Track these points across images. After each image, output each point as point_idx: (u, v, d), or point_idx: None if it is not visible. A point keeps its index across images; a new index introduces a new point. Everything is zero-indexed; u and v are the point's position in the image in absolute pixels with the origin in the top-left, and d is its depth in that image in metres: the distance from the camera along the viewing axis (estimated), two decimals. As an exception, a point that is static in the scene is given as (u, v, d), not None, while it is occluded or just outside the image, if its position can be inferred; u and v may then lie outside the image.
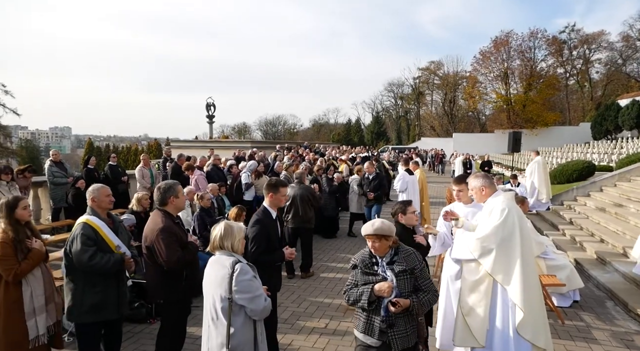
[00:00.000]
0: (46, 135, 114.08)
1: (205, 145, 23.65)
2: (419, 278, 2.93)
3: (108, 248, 3.62)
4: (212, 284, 2.81)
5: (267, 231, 3.89)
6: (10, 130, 50.69)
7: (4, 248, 3.34)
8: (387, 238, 2.90)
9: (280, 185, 4.13)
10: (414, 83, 65.92)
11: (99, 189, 3.81)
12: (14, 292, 3.38)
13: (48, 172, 9.13)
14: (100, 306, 3.58)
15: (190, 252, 3.69)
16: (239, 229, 2.92)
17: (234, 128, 74.30)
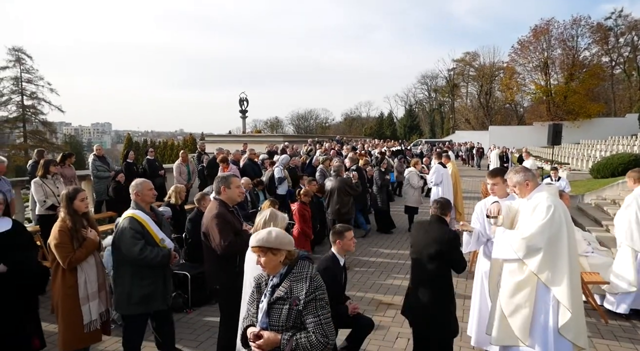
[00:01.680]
0: (88, 131, 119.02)
1: (239, 139, 24.01)
2: (304, 311, 2.27)
3: (153, 242, 3.74)
4: (254, 269, 2.98)
5: (334, 279, 3.76)
6: (56, 127, 53.33)
7: (62, 236, 3.54)
8: (275, 252, 2.32)
9: (346, 230, 3.98)
10: (449, 75, 64.41)
11: (141, 183, 3.91)
12: (70, 278, 3.58)
13: (92, 166, 9.55)
14: (149, 297, 3.73)
15: (242, 239, 3.69)
16: (283, 218, 3.15)
17: (267, 122, 75.12)
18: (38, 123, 45.97)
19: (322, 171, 9.61)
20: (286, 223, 3.26)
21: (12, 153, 41.18)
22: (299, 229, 7.53)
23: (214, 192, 3.89)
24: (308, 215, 7.73)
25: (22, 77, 44.21)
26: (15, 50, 43.68)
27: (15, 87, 44.11)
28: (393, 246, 8.62)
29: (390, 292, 6.07)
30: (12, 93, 44.11)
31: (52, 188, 6.65)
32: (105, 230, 7.05)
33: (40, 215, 6.75)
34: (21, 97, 44.33)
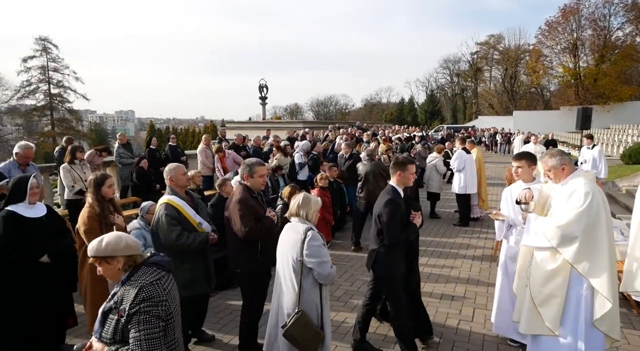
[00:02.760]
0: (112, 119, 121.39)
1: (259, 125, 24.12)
2: (128, 324, 2.01)
3: (191, 227, 3.77)
4: (287, 247, 3.15)
5: (400, 209, 3.70)
6: (81, 114, 54.55)
7: (90, 221, 3.61)
8: (109, 260, 2.12)
9: (409, 162, 3.86)
10: (472, 59, 62.84)
11: (175, 168, 3.91)
12: None
13: (116, 153, 9.75)
14: (192, 281, 3.79)
15: (264, 225, 3.69)
16: (316, 202, 3.23)
17: (286, 109, 75.06)
18: (64, 111, 47.07)
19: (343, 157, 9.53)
20: (319, 206, 3.28)
21: (40, 141, 42.34)
22: (319, 215, 7.52)
23: (240, 177, 3.88)
24: (328, 200, 7.71)
25: (48, 66, 45.21)
26: (41, 39, 44.65)
27: (43, 76, 45.18)
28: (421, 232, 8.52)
29: (412, 279, 6.02)
30: (40, 82, 45.22)
31: (79, 174, 6.81)
32: (130, 215, 7.19)
33: (69, 200, 6.93)
34: (48, 85, 45.39)
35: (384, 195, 3.78)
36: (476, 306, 5.11)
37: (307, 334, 2.99)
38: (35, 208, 3.72)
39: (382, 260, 3.72)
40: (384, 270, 3.73)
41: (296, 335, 2.96)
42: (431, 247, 7.41)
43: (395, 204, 3.63)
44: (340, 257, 6.99)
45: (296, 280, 3.05)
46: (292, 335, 2.95)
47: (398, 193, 3.78)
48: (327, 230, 7.63)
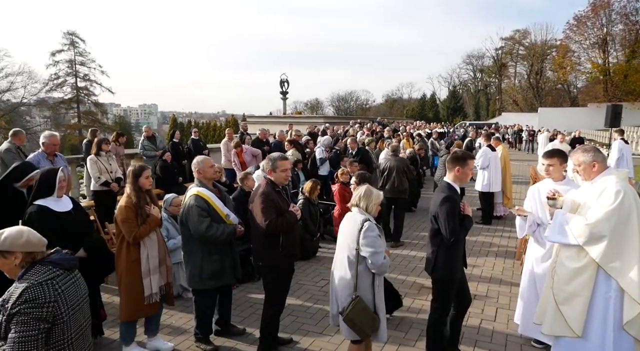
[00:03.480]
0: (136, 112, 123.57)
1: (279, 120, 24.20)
2: (9, 324, 1.97)
3: (219, 218, 3.82)
4: (345, 235, 3.32)
5: (457, 205, 3.54)
6: (106, 108, 55.71)
7: (127, 211, 3.67)
8: (6, 255, 2.07)
9: (469, 157, 3.69)
10: (496, 54, 61.49)
11: (203, 161, 3.96)
12: (133, 252, 3.72)
13: (140, 145, 9.96)
14: (219, 272, 3.86)
15: (286, 219, 3.66)
16: (377, 195, 3.33)
17: (307, 104, 75.02)
18: (90, 104, 48.13)
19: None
20: (380, 200, 3.35)
21: (67, 133, 43.48)
22: (340, 210, 7.50)
23: (262, 171, 3.88)
24: (349, 196, 7.67)
25: (75, 59, 46.28)
26: (69, 33, 45.70)
27: (70, 70, 46.28)
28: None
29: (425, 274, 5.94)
30: (67, 75, 46.34)
31: (105, 165, 6.96)
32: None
33: (95, 191, 7.09)
34: (75, 79, 46.48)
35: (438, 193, 3.63)
36: (499, 305, 5.03)
37: (365, 318, 3.14)
38: (63, 201, 3.77)
39: (442, 261, 3.55)
40: (444, 272, 3.56)
41: (355, 320, 3.11)
42: (452, 245, 7.30)
43: (452, 200, 3.47)
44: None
45: (353, 268, 3.20)
46: (351, 319, 3.12)
47: (454, 190, 3.58)
48: (347, 226, 7.61)
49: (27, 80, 44.10)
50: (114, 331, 4.29)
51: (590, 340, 3.14)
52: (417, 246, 7.29)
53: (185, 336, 4.30)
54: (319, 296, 5.26)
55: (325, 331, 4.42)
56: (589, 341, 3.14)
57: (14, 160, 6.33)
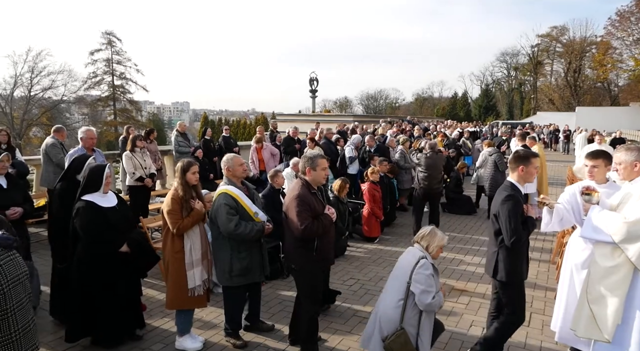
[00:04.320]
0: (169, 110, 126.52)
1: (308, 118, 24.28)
2: None
3: (248, 216, 3.86)
4: (402, 267, 3.39)
5: (520, 205, 3.42)
6: (141, 105, 57.32)
7: (173, 204, 3.78)
8: None
9: (532, 156, 3.55)
10: (532, 51, 59.54)
11: (232, 159, 4.01)
12: (177, 244, 3.82)
13: (174, 141, 10.16)
14: (247, 269, 3.90)
15: (322, 223, 3.59)
16: (441, 238, 3.41)
17: (336, 102, 74.89)
18: (126, 101, 49.68)
19: (402, 152, 9.38)
20: (443, 243, 3.44)
21: (104, 129, 45.00)
22: (369, 209, 7.47)
23: (300, 172, 3.82)
24: (378, 195, 7.63)
25: (112, 58, 47.84)
26: (107, 33, 47.30)
27: (107, 68, 47.90)
28: (467, 230, 8.27)
29: (463, 278, 5.84)
30: (105, 73, 47.97)
31: (140, 161, 7.15)
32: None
33: (130, 186, 7.29)
34: (112, 77, 48.06)
35: (501, 192, 3.52)
36: (533, 310, 4.88)
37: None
38: (108, 197, 3.91)
39: (503, 263, 3.46)
40: (505, 275, 3.46)
41: (395, 350, 3.14)
42: (484, 247, 7.14)
43: (515, 199, 3.36)
44: (388, 253, 6.91)
45: (402, 299, 3.24)
46: (392, 348, 3.15)
47: (517, 189, 3.46)
48: (377, 226, 7.56)
49: (67, 79, 46.03)
50: (155, 320, 4.41)
51: (623, 346, 2.99)
52: (446, 248, 7.14)
53: (216, 331, 4.36)
54: (348, 295, 5.24)
55: (353, 331, 4.40)
56: (621, 347, 3.00)
57: (59, 155, 6.62)
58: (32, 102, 44.69)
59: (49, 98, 46.01)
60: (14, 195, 4.48)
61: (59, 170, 6.29)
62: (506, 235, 3.34)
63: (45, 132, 38.85)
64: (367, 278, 5.85)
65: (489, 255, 3.61)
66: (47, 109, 45.33)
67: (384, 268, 6.23)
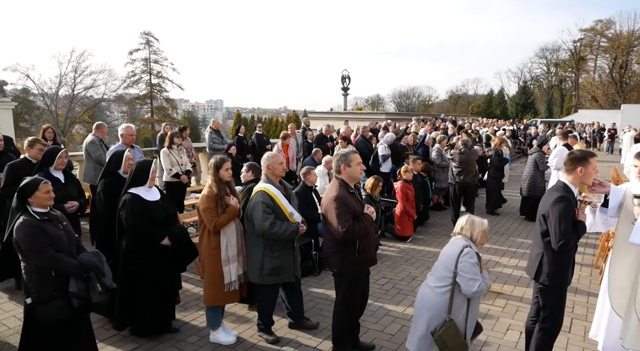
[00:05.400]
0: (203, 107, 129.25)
1: (340, 116, 24.20)
2: None
3: (283, 216, 3.87)
4: (445, 256, 3.34)
5: (572, 208, 3.27)
6: (176, 103, 58.78)
7: (208, 201, 3.84)
8: None
9: (590, 156, 3.38)
10: (574, 47, 57.12)
11: (272, 157, 4.04)
12: (214, 240, 3.89)
13: (209, 138, 10.34)
14: (279, 269, 3.91)
15: (362, 224, 3.51)
16: (481, 223, 3.36)
17: (367, 100, 74.42)
18: (162, 100, 51.06)
19: (438, 150, 9.22)
20: (485, 227, 3.38)
21: (141, 127, 46.43)
22: (402, 208, 7.37)
23: (335, 171, 3.74)
24: (411, 194, 7.52)
25: (150, 57, 49.26)
26: (145, 33, 48.74)
27: (145, 67, 49.35)
28: (502, 231, 8.03)
29: (499, 280, 5.67)
30: (142, 73, 49.45)
31: (176, 158, 7.33)
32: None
33: (166, 182, 7.48)
34: (149, 76, 49.51)
35: (552, 192, 3.40)
36: (574, 316, 4.68)
37: (456, 343, 3.12)
38: (153, 192, 4.03)
39: (548, 266, 3.35)
40: (551, 279, 3.36)
41: (447, 342, 3.11)
42: (520, 248, 6.91)
43: (567, 201, 3.22)
44: (422, 253, 6.80)
45: (449, 290, 3.20)
46: (443, 340, 3.11)
47: (571, 191, 3.31)
48: (409, 225, 7.45)
49: (107, 78, 47.71)
50: (190, 313, 4.52)
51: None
52: (482, 249, 6.96)
53: (249, 326, 4.41)
54: (380, 294, 5.19)
55: (385, 330, 4.36)
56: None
57: (97, 152, 6.86)
58: (76, 101, 46.62)
59: (91, 97, 47.86)
60: (71, 189, 4.66)
61: (99, 167, 6.54)
62: (554, 237, 3.20)
63: (87, 129, 40.55)
64: (400, 277, 5.78)
65: (532, 257, 3.48)
66: (89, 107, 47.19)
67: (416, 268, 6.14)
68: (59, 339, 3.12)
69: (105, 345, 3.97)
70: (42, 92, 44.34)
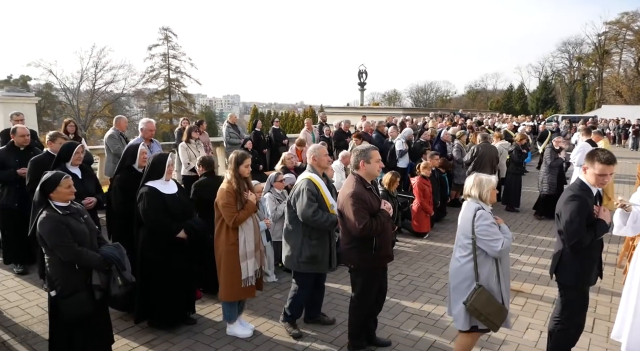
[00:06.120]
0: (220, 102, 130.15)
1: (357, 111, 24.10)
2: None
3: (325, 206, 3.87)
4: (461, 225, 3.30)
5: (586, 207, 3.16)
6: (194, 98, 59.32)
7: (228, 197, 3.85)
8: None
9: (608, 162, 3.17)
10: (598, 40, 55.59)
11: (318, 148, 4.07)
12: (232, 236, 3.90)
13: (226, 132, 10.40)
14: (315, 258, 3.91)
15: (380, 220, 3.47)
16: (488, 181, 3.27)
17: (384, 95, 73.85)
18: (180, 94, 51.61)
19: (459, 146, 9.11)
20: (493, 185, 3.27)
21: (159, 121, 47.03)
22: (419, 204, 7.30)
23: (352, 166, 3.71)
24: (429, 190, 7.44)
25: (168, 53, 49.79)
26: (164, 29, 49.26)
27: (163, 63, 49.91)
28: (523, 229, 7.89)
29: (519, 278, 5.57)
30: (161, 68, 50.03)
31: (194, 152, 7.39)
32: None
33: (184, 176, 7.55)
34: (168, 71, 50.06)
35: (567, 190, 3.34)
36: (597, 316, 4.57)
37: (491, 308, 3.06)
38: (170, 185, 4.06)
39: (565, 265, 3.29)
40: (567, 277, 3.31)
41: (480, 310, 3.05)
42: (541, 246, 6.77)
43: (580, 200, 3.14)
44: (439, 249, 6.73)
45: (471, 257, 3.14)
46: (476, 309, 3.06)
47: (588, 189, 3.22)
48: (426, 221, 7.38)
49: (127, 73, 48.53)
50: (207, 306, 4.56)
51: None
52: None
53: (264, 319, 4.43)
54: (396, 291, 5.15)
55: (402, 327, 4.33)
56: None
57: (116, 145, 6.97)
58: (96, 95, 47.44)
59: (111, 92, 48.69)
60: (88, 185, 4.69)
61: (118, 160, 6.64)
62: (566, 236, 3.16)
63: (107, 123, 41.26)
64: (416, 274, 5.73)
65: (553, 255, 3.42)
66: (109, 102, 47.98)
67: (433, 264, 6.07)
68: (79, 330, 3.18)
69: (123, 336, 4.03)
70: (64, 87, 45.26)
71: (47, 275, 3.16)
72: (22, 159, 5.06)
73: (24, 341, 3.96)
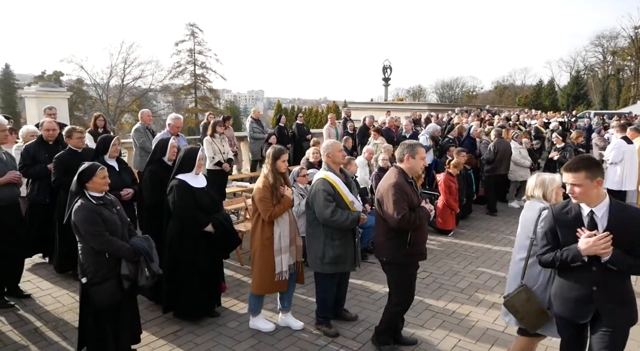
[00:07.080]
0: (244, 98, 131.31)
1: (381, 107, 23.89)
2: None
3: (344, 204, 3.84)
4: (524, 222, 3.22)
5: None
6: (219, 93, 59.99)
7: (264, 191, 3.87)
8: None
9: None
10: (635, 33, 53.34)
11: (332, 145, 4.00)
12: (267, 230, 3.92)
13: (249, 127, 10.47)
14: (339, 258, 3.88)
15: (418, 215, 3.44)
16: (552, 180, 3.21)
17: (409, 90, 72.95)
18: (206, 90, 52.30)
19: (486, 143, 8.93)
20: (557, 184, 3.18)
21: (185, 116, 47.81)
22: (444, 201, 7.18)
23: (397, 159, 3.67)
24: (455, 187, 7.31)
25: (195, 48, 50.47)
26: (190, 25, 49.93)
27: (189, 58, 50.64)
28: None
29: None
30: (187, 63, 50.80)
31: (219, 147, 7.46)
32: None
33: (209, 170, 7.63)
34: (194, 66, 50.77)
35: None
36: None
37: (530, 309, 2.99)
38: (199, 178, 4.11)
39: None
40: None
41: (517, 307, 3.01)
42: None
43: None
44: (464, 247, 6.62)
45: (525, 256, 3.10)
46: (513, 305, 3.03)
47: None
48: (451, 218, 7.26)
49: (154, 69, 49.52)
50: (231, 299, 4.61)
51: None
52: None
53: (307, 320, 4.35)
54: (420, 288, 5.06)
55: (425, 325, 4.27)
56: None
57: (141, 139, 7.09)
58: (125, 91, 48.56)
59: (139, 87, 49.72)
60: (125, 177, 4.79)
61: (144, 153, 6.76)
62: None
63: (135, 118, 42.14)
64: (441, 272, 5.64)
65: None
66: (137, 97, 49.03)
67: (458, 262, 5.97)
68: (108, 319, 3.26)
69: (150, 326, 4.11)
70: (94, 83, 46.48)
71: (80, 262, 3.26)
72: (51, 153, 5.09)
73: (55, 328, 4.09)
